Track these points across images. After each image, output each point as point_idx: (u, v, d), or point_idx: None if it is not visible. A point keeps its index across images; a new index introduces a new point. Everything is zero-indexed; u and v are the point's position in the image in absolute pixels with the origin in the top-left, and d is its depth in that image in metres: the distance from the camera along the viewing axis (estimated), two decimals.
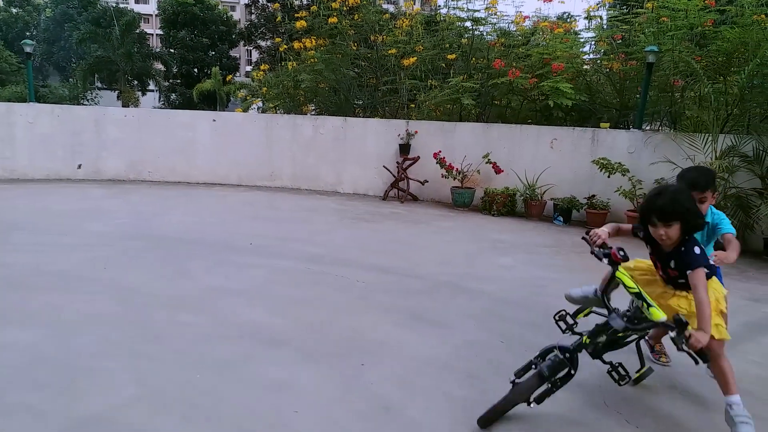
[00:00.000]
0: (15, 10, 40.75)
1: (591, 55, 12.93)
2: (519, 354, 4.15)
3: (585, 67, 11.76)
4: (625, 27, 11.17)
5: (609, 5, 13.37)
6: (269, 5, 27.62)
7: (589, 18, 12.67)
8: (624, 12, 11.69)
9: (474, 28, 12.59)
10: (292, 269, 6.12)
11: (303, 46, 13.15)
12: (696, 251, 2.93)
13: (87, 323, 4.36)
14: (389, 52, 12.40)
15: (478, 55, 12.30)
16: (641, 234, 3.14)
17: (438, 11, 15.24)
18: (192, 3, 35.20)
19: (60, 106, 13.95)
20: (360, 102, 13.54)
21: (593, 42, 12.75)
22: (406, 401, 3.43)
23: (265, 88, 14.32)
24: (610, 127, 10.24)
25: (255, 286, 5.53)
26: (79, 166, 12.24)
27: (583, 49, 12.60)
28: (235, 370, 3.72)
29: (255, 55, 35.65)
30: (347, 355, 4.02)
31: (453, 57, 12.15)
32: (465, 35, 12.81)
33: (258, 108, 16.43)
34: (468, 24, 12.68)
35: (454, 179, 10.68)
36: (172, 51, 36.37)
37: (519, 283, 6.00)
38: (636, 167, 9.15)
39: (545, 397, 3.05)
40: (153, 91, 37.20)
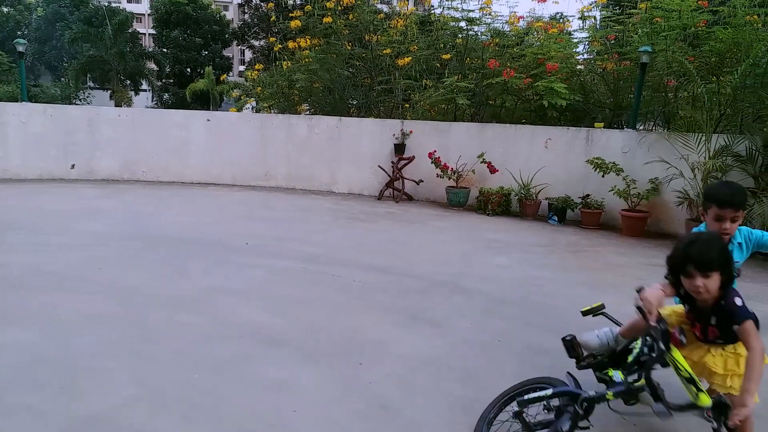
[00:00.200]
0: (6, 9, 40.49)
1: (585, 56, 13.01)
2: (517, 353, 4.19)
3: (579, 67, 11.82)
4: (619, 27, 11.23)
5: (602, 6, 13.45)
6: (262, 5, 27.55)
7: (583, 18, 12.76)
8: (617, 12, 11.76)
9: (468, 28, 12.63)
10: (289, 269, 6.12)
11: (297, 45, 13.14)
12: (738, 302, 2.66)
13: (86, 323, 4.35)
14: (384, 51, 12.41)
15: (472, 55, 12.33)
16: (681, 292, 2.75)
17: (432, 11, 15.26)
18: (185, 2, 35.08)
19: (53, 105, 13.88)
20: (355, 102, 13.55)
21: (587, 42, 12.82)
22: (405, 401, 3.44)
23: (260, 87, 14.30)
24: (604, 127, 10.29)
25: (253, 285, 5.53)
26: (73, 165, 12.18)
27: (577, 50, 12.69)
28: (235, 370, 3.72)
29: (248, 55, 35.58)
30: (346, 355, 4.03)
31: (448, 57, 12.19)
32: (459, 35, 12.84)
33: (252, 108, 16.39)
34: (462, 24, 12.72)
35: (449, 179, 10.71)
36: (164, 50, 36.25)
37: (515, 283, 6.03)
38: (630, 167, 9.20)
39: None
40: (146, 91, 37.07)
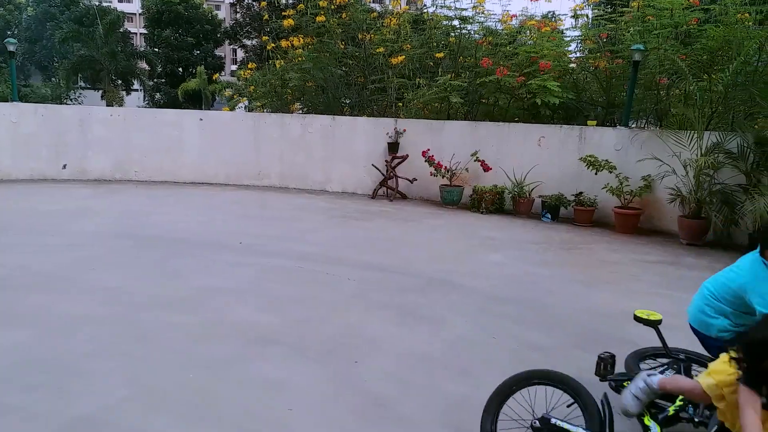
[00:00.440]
0: None
1: (577, 54, 13.03)
2: (512, 350, 4.19)
3: (572, 66, 11.84)
4: (611, 26, 11.26)
5: (594, 4, 13.48)
6: (255, 4, 27.45)
7: (576, 17, 12.77)
8: (609, 11, 11.79)
9: (461, 26, 12.64)
10: (283, 268, 6.10)
11: (290, 44, 13.10)
12: None
13: (78, 324, 4.31)
14: (377, 50, 12.39)
15: (465, 54, 12.34)
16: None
17: (425, 10, 15.25)
18: (176, 2, 34.84)
19: (44, 105, 13.79)
20: (348, 101, 13.52)
21: (579, 40, 12.83)
22: (399, 397, 3.44)
23: (252, 86, 14.24)
24: (596, 125, 10.32)
25: (247, 284, 5.51)
26: (64, 166, 12.09)
27: (570, 48, 12.71)
28: (229, 369, 3.70)
29: (240, 54, 35.45)
30: (341, 353, 4.02)
31: (441, 55, 12.19)
32: (452, 34, 12.84)
33: (244, 107, 16.34)
34: (455, 22, 12.72)
35: (442, 177, 10.70)
36: (156, 50, 35.99)
37: (510, 280, 6.03)
38: (623, 164, 9.22)
39: None
40: (137, 91, 36.77)
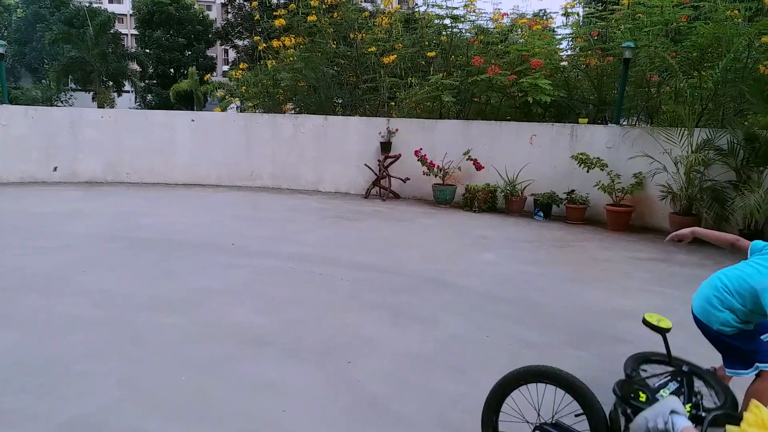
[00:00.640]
0: None
1: (569, 52, 13.06)
2: (505, 348, 4.20)
3: (563, 64, 11.87)
4: (602, 23, 11.30)
5: (585, 2, 13.53)
6: (246, 4, 27.39)
7: (567, 15, 12.79)
8: (600, 9, 11.83)
9: (453, 25, 12.64)
10: (276, 268, 6.09)
11: (282, 44, 13.07)
12: None
13: (71, 325, 4.29)
14: (369, 50, 12.38)
15: (457, 53, 12.34)
16: None
17: (416, 9, 15.25)
18: (167, 2, 34.73)
19: (34, 107, 13.70)
20: (340, 100, 13.50)
21: (571, 38, 12.87)
22: (393, 397, 3.44)
23: (244, 87, 14.20)
24: (588, 123, 10.35)
25: (240, 286, 5.49)
26: (55, 168, 12.01)
27: (561, 46, 12.74)
28: (223, 370, 3.69)
29: (232, 55, 35.33)
30: (334, 353, 4.01)
31: (432, 54, 12.18)
32: (444, 33, 12.84)
33: (236, 107, 16.30)
34: (447, 21, 12.73)
35: (435, 176, 10.71)
36: (147, 51, 35.85)
37: (503, 279, 6.05)
38: (614, 162, 9.26)
39: None
40: (129, 92, 36.59)
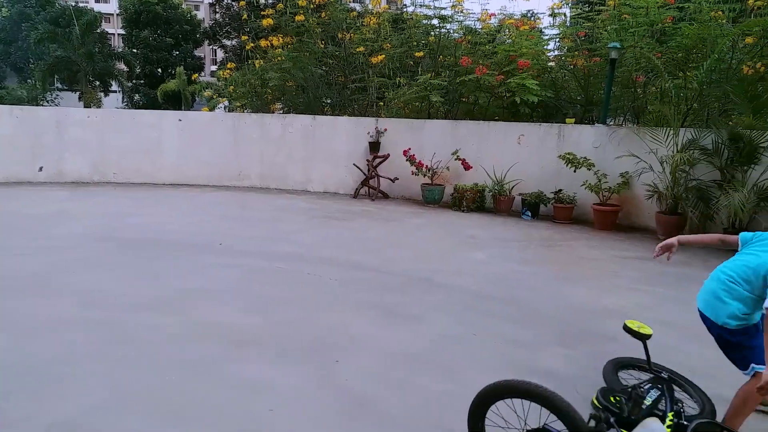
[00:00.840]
0: None
1: (556, 52, 13.14)
2: (494, 347, 4.21)
3: (550, 64, 11.95)
4: (588, 24, 11.37)
5: (572, 3, 13.60)
6: (234, 4, 27.24)
7: (554, 15, 12.87)
8: (587, 9, 11.90)
9: (441, 25, 12.66)
10: (264, 268, 6.07)
11: (270, 44, 13.02)
12: None
13: (56, 327, 4.24)
14: (357, 50, 12.37)
15: (445, 53, 12.37)
16: None
17: (404, 9, 15.25)
18: (155, 2, 34.46)
19: (20, 107, 13.55)
20: (329, 100, 13.48)
21: (558, 39, 12.95)
22: (381, 396, 3.44)
23: (232, 87, 14.13)
24: (575, 123, 10.42)
25: (228, 286, 5.47)
26: (41, 168, 11.89)
27: (548, 47, 12.82)
28: (210, 370, 3.67)
29: (220, 55, 35.15)
30: (322, 353, 4.00)
31: (421, 55, 12.20)
32: (432, 33, 12.86)
33: (224, 107, 16.22)
34: (435, 21, 12.75)
35: (423, 176, 10.73)
36: (134, 51, 35.53)
37: (492, 277, 6.07)
38: (601, 161, 9.32)
39: None
40: (116, 92, 36.27)
